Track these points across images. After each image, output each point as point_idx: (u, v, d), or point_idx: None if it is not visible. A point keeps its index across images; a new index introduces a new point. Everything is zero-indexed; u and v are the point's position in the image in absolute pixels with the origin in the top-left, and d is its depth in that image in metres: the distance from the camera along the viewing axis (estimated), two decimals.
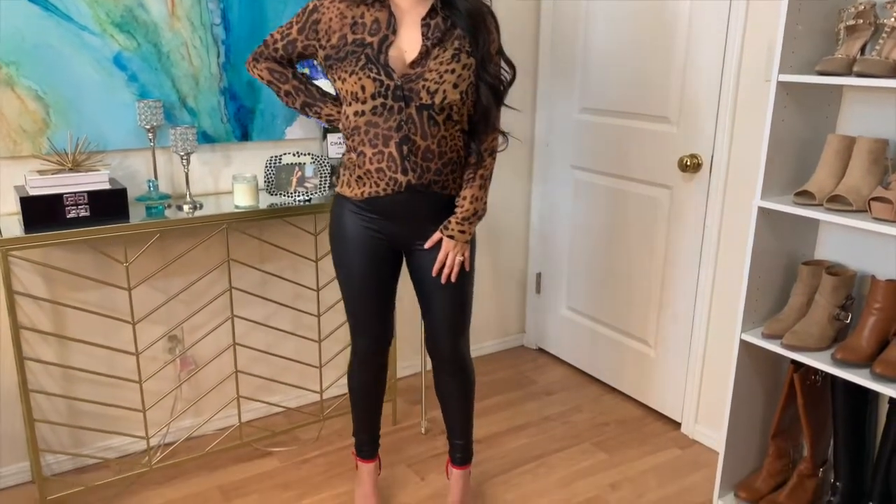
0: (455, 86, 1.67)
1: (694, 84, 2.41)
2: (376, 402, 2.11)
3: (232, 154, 2.42)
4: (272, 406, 2.62)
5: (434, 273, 1.83)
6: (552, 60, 2.97)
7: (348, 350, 2.73)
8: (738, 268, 2.34)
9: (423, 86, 1.66)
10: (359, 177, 1.78)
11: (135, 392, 2.21)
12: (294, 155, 2.33)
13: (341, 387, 2.73)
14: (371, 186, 1.76)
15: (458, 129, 1.74)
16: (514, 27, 2.93)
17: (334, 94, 1.87)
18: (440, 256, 1.82)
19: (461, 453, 2.08)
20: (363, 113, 1.71)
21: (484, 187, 1.81)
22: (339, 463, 2.40)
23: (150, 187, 2.20)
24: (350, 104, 1.73)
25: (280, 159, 2.32)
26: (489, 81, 1.72)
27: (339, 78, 1.72)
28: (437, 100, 1.67)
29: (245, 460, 2.40)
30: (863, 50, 1.78)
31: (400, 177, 1.72)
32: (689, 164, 2.44)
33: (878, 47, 1.71)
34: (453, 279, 1.83)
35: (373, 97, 1.68)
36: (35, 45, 2.01)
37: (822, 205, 1.81)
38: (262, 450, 2.46)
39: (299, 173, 2.33)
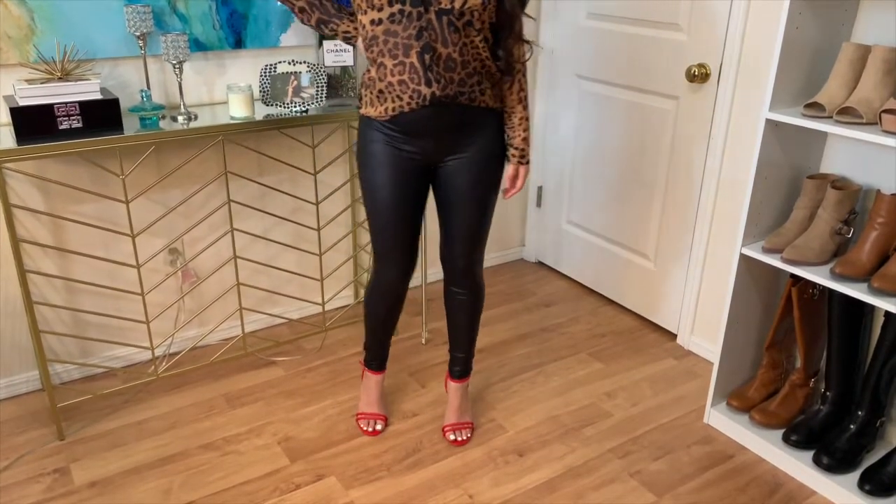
0: None
1: None
2: (392, 326, 2.11)
3: (226, 62, 2.34)
4: (275, 317, 2.65)
5: (508, 197, 1.91)
6: None
7: (350, 263, 2.76)
8: (741, 181, 2.32)
9: None
10: (380, 91, 1.71)
11: (138, 304, 2.23)
12: (290, 63, 2.26)
13: (342, 298, 2.77)
14: (393, 101, 1.70)
15: (479, 37, 1.66)
16: None
17: (350, 9, 1.78)
18: (519, 183, 1.87)
19: (460, 367, 2.12)
20: (380, 21, 1.63)
21: (527, 106, 1.83)
22: (342, 371, 2.46)
23: (142, 97, 2.14)
24: (365, 12, 1.65)
25: (275, 68, 2.25)
26: None
27: None
28: (457, 4, 1.59)
29: (249, 369, 2.46)
30: None
31: (423, 88, 1.66)
32: (696, 73, 2.37)
33: None
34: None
35: (390, 3, 1.60)
36: None
37: (831, 117, 1.77)
38: (265, 359, 2.52)
39: (295, 82, 2.27)
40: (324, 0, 1.81)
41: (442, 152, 1.80)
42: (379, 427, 2.15)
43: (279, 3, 1.86)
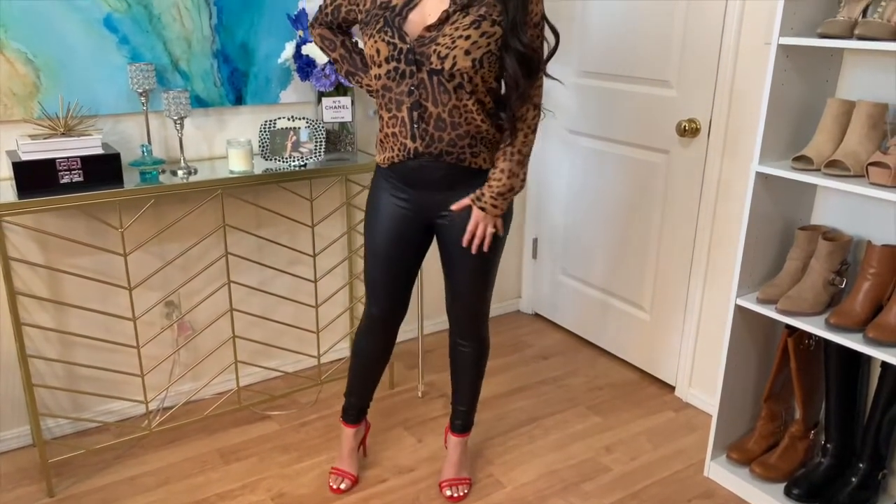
0: (467, 52, 1.61)
1: (694, 47, 2.38)
2: (374, 371, 2.09)
3: (226, 118, 2.39)
4: (270, 370, 2.64)
5: (465, 244, 1.79)
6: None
7: (346, 315, 2.76)
8: (734, 233, 2.34)
9: (435, 50, 1.62)
10: (380, 140, 1.80)
11: (133, 357, 2.22)
12: (289, 119, 2.30)
13: (338, 351, 2.76)
14: (389, 151, 1.77)
15: (473, 100, 1.67)
16: None
17: None
18: (470, 226, 1.77)
19: (462, 420, 2.10)
20: (380, 77, 1.70)
21: (522, 164, 1.74)
22: (337, 426, 2.41)
23: (143, 152, 2.18)
24: (371, 67, 1.72)
25: (275, 123, 2.30)
26: (519, 51, 1.63)
27: (364, 41, 1.72)
28: (447, 65, 1.62)
29: (244, 424, 2.43)
30: (865, 12, 1.76)
31: (409, 143, 1.71)
32: (687, 128, 2.42)
33: (880, 10, 1.69)
34: (485, 249, 1.80)
35: (387, 60, 1.66)
36: (23, 7, 1.97)
37: (819, 170, 1.81)
38: (260, 413, 2.49)
39: (294, 138, 2.31)
40: (353, 54, 1.90)
41: (434, 207, 1.81)
42: (343, 486, 2.10)
43: (321, 53, 2.02)
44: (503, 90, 1.71)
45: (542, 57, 1.71)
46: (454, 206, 1.78)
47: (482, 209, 1.75)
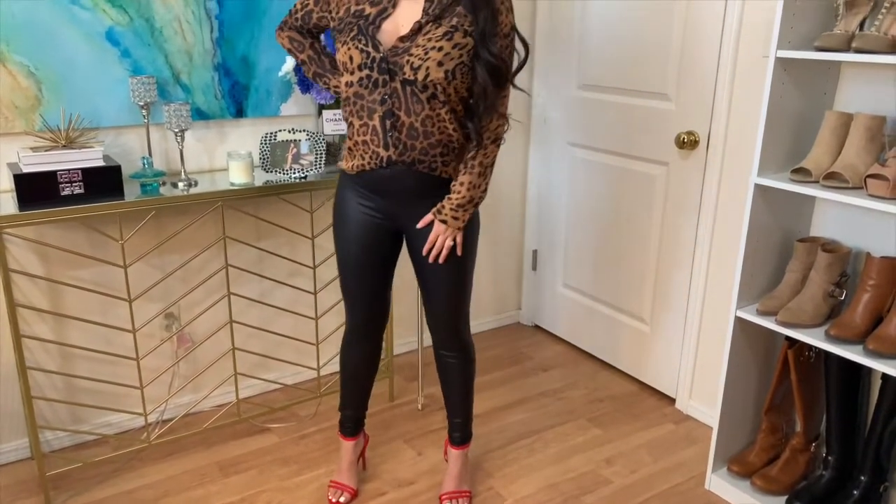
0: (440, 63, 1.63)
1: (692, 61, 2.40)
2: (364, 381, 2.10)
3: (227, 131, 2.40)
4: (269, 383, 2.63)
5: (423, 252, 1.81)
6: (550, 37, 2.95)
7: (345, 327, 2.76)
8: (733, 245, 2.35)
9: (408, 60, 1.63)
10: (349, 148, 1.80)
11: (132, 369, 2.21)
12: (289, 132, 2.31)
13: (338, 363, 2.75)
14: (359, 159, 1.77)
15: (446, 109, 1.69)
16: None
17: None
18: (430, 237, 1.79)
19: (459, 432, 2.09)
20: (352, 84, 1.71)
21: (483, 175, 1.75)
22: (337, 439, 2.41)
23: (144, 164, 2.18)
24: (342, 74, 1.73)
25: (275, 136, 2.31)
26: (489, 62, 1.65)
27: (337, 48, 1.73)
28: (420, 76, 1.64)
29: (243, 436, 2.42)
30: (862, 25, 1.77)
31: (381, 151, 1.72)
32: (686, 140, 2.43)
33: (877, 23, 1.70)
34: (441, 261, 1.81)
35: (360, 68, 1.67)
36: (25, 21, 1.99)
37: (818, 182, 1.81)
38: (259, 426, 2.48)
39: (294, 150, 2.32)
40: (322, 56, 1.90)
41: (403, 216, 1.82)
42: (342, 499, 2.09)
43: (288, 55, 1.98)
44: (472, 99, 1.73)
45: (511, 67, 1.73)
46: (419, 224, 1.80)
47: (443, 222, 1.77)
